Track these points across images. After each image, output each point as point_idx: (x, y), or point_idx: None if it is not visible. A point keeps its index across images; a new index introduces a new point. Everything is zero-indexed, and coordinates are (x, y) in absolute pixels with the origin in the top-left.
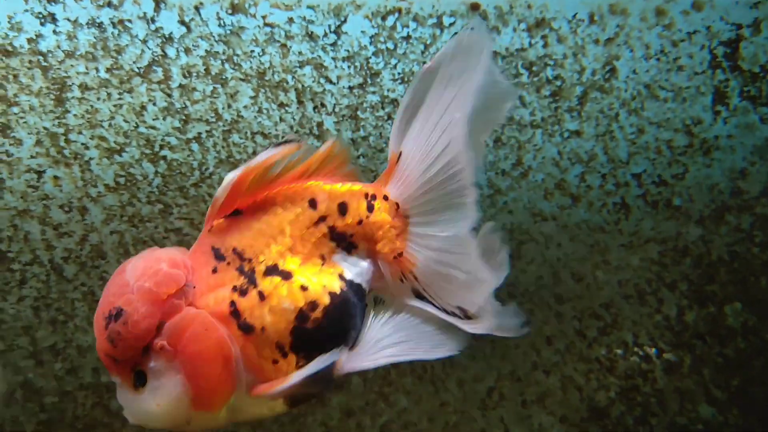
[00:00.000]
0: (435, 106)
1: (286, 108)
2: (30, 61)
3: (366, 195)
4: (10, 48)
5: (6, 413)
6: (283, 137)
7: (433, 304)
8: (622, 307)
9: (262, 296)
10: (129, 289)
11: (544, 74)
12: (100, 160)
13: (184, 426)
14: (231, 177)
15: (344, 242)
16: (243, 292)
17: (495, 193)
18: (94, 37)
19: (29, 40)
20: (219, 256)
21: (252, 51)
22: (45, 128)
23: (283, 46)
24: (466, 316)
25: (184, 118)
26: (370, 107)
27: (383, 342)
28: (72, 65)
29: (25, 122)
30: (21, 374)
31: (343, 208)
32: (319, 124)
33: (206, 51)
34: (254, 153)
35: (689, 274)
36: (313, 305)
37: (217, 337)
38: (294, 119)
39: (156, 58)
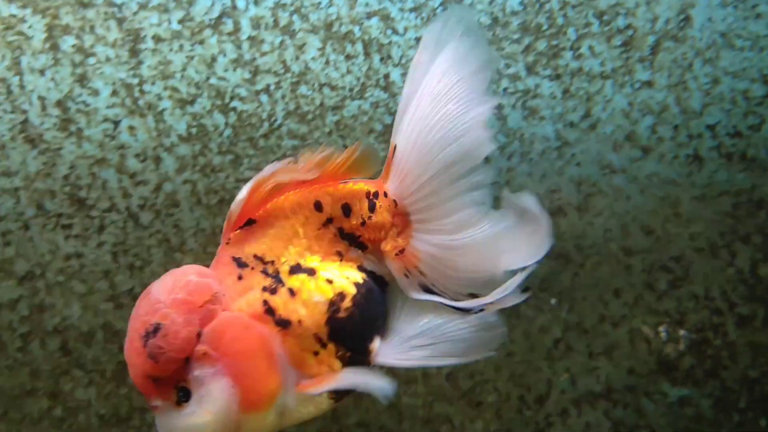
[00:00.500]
0: (426, 98)
1: (353, 60)
2: (105, 13)
3: (368, 194)
4: (85, 0)
5: (88, 353)
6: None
7: (442, 297)
8: (693, 261)
9: (292, 292)
10: (162, 305)
11: (615, 23)
12: (172, 110)
13: (236, 430)
14: (243, 194)
15: (355, 242)
16: (273, 291)
17: (563, 146)
18: None
19: None
20: (241, 264)
21: (319, 2)
22: (120, 79)
23: None
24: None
25: (253, 69)
26: None
27: (415, 341)
28: (145, 17)
29: (101, 73)
30: (101, 317)
31: (346, 210)
32: (386, 76)
33: (275, 3)
34: (321, 105)
35: (764, 227)
36: (341, 296)
37: (258, 334)
38: (361, 71)
39: (226, 10)
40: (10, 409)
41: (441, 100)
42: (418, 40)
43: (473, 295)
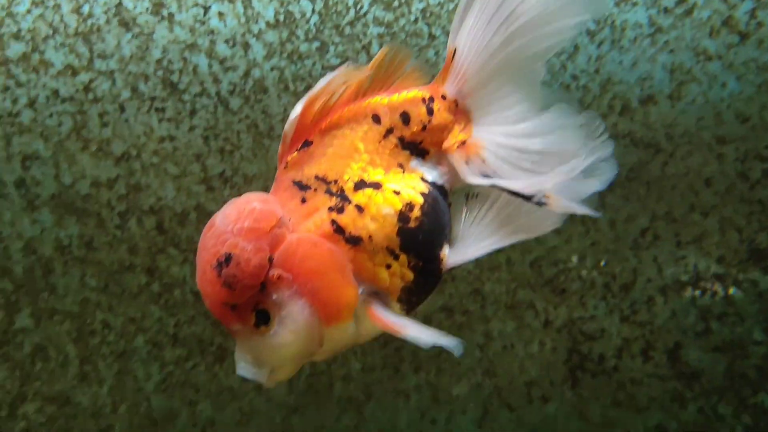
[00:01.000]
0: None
1: None
2: None
3: (423, 99)
4: None
5: (182, 233)
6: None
7: (503, 182)
8: None
9: (359, 209)
10: (229, 235)
11: None
12: None
13: (318, 348)
14: (296, 111)
15: (416, 150)
16: (340, 210)
17: (656, 32)
18: None
19: None
20: (303, 186)
21: None
22: None
23: None
24: (543, 195)
25: None
26: None
27: (483, 232)
28: None
29: None
30: (194, 198)
31: (405, 118)
32: None
33: None
34: None
35: None
36: (410, 206)
37: (326, 249)
38: None
39: None
40: (110, 283)
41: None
42: None
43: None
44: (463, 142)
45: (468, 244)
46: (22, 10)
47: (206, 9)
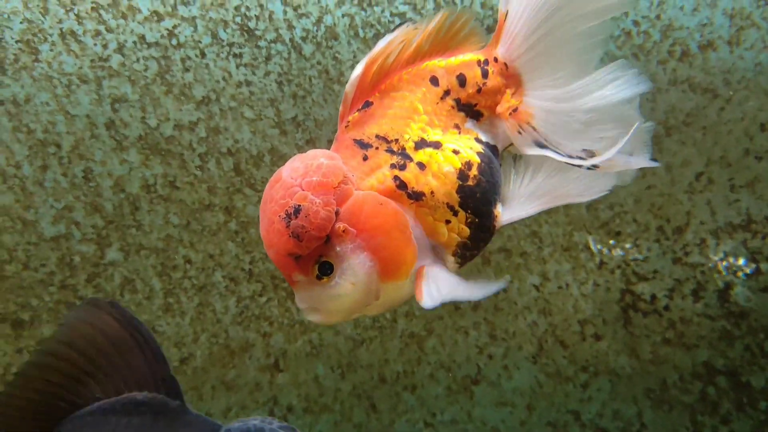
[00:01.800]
0: None
1: None
2: None
3: (479, 62)
4: None
5: (257, 174)
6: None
7: (556, 151)
8: None
9: (421, 166)
10: (298, 188)
11: None
12: None
13: (374, 302)
14: (356, 72)
15: (471, 111)
16: (402, 167)
17: None
18: None
19: None
20: (364, 145)
21: None
22: None
23: None
24: (593, 156)
25: None
26: None
27: (536, 192)
28: None
29: None
30: (269, 141)
31: (462, 80)
32: None
33: None
34: None
35: None
36: (468, 165)
37: (392, 209)
38: None
39: None
40: (191, 221)
41: None
42: None
43: (588, 151)
44: (515, 109)
45: (520, 204)
46: None
47: None
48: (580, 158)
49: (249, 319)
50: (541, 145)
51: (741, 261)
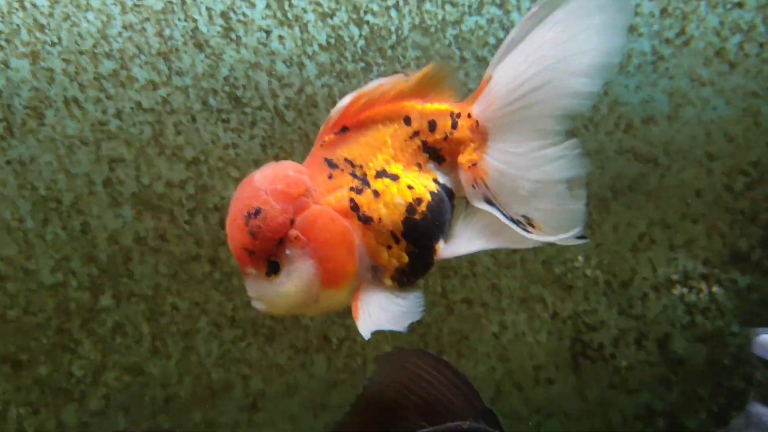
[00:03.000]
0: (533, 43)
1: None
2: None
3: (451, 114)
4: None
5: None
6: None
7: (500, 211)
8: None
9: (376, 194)
10: (263, 193)
11: None
12: (315, 22)
13: (313, 304)
14: (345, 101)
15: (435, 155)
16: (359, 191)
17: (658, 60)
18: None
19: None
20: (332, 164)
21: None
22: None
23: None
24: (530, 224)
25: None
26: None
27: (475, 235)
28: None
29: None
30: None
31: (432, 125)
32: None
33: None
34: (443, 20)
35: None
36: (418, 201)
37: (342, 226)
38: None
39: None
40: (179, 271)
41: (548, 45)
42: None
43: (526, 218)
44: (474, 164)
45: (460, 243)
46: (114, 32)
47: (268, 33)
48: (519, 222)
49: (230, 362)
50: (489, 202)
51: (679, 313)
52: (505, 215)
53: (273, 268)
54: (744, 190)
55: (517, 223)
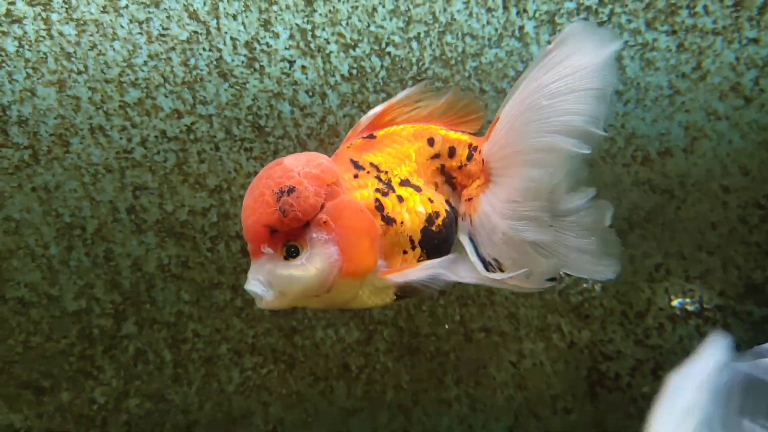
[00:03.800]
0: (529, 87)
1: (493, 12)
2: None
3: (469, 146)
4: None
5: None
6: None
7: (475, 249)
8: None
9: (400, 199)
10: (296, 174)
11: None
12: (338, 53)
13: (324, 292)
14: (376, 110)
15: (449, 180)
16: (384, 194)
17: (674, 94)
18: None
19: None
20: (358, 166)
21: None
22: (297, 24)
23: None
24: (499, 268)
25: (407, 19)
26: (566, 13)
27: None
28: None
29: (282, 19)
30: None
31: (452, 152)
32: (521, 28)
33: None
34: (463, 52)
35: None
36: (437, 214)
37: (369, 219)
38: (499, 22)
39: None
40: (200, 298)
41: (545, 92)
42: None
43: (497, 261)
44: (470, 199)
45: (469, 272)
46: (139, 61)
47: (291, 63)
48: (490, 264)
49: (250, 390)
50: (470, 238)
51: (694, 344)
52: (477, 254)
53: (291, 252)
54: (759, 223)
55: (488, 264)
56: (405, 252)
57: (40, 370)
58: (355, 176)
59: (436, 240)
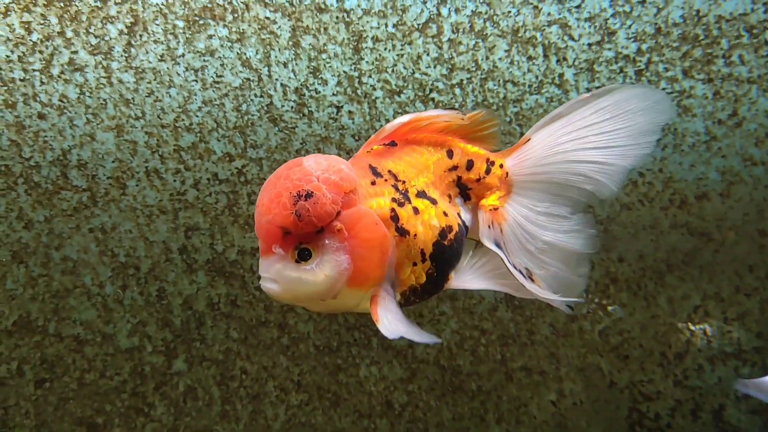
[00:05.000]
0: (576, 122)
1: (534, 60)
2: (337, 17)
3: (487, 160)
4: (322, 6)
5: None
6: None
7: (507, 257)
8: None
9: (416, 210)
10: (315, 178)
11: (763, 36)
12: (383, 99)
13: (330, 299)
14: (402, 119)
15: (464, 192)
16: (400, 204)
17: (711, 140)
18: None
19: (338, 0)
20: (376, 173)
21: (509, 12)
22: (344, 72)
23: (535, 8)
24: (530, 277)
25: (450, 67)
26: (605, 61)
27: (481, 276)
28: (368, 21)
29: (330, 66)
30: None
31: (470, 165)
32: (561, 75)
33: (472, 11)
34: (504, 98)
35: None
36: (449, 228)
37: (383, 232)
38: (539, 70)
39: (432, 16)
40: (248, 336)
41: (589, 129)
42: (590, 45)
43: (528, 270)
44: (496, 209)
45: (466, 279)
46: (194, 107)
47: (339, 108)
48: (520, 272)
49: (296, 427)
50: (498, 246)
51: (733, 385)
52: (509, 261)
53: (303, 255)
54: None
55: (518, 270)
56: (414, 264)
57: (94, 406)
58: (373, 183)
59: (447, 254)
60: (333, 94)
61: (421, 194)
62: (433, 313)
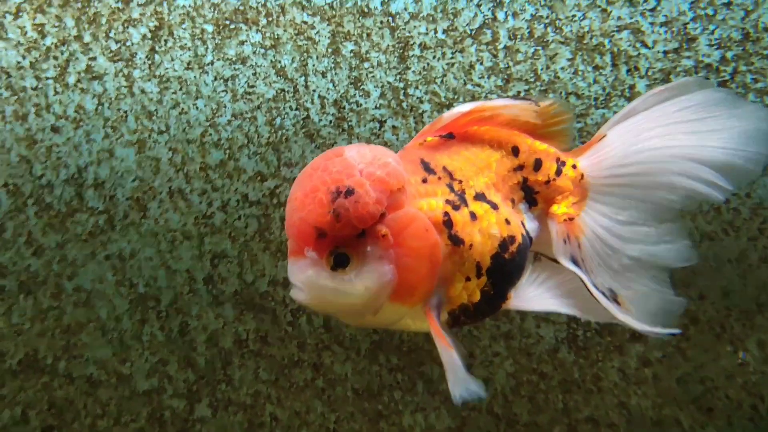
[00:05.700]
0: (658, 117)
1: (601, 70)
2: (381, 22)
3: (557, 159)
4: (366, 9)
5: (346, 331)
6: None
7: (587, 275)
8: None
9: (473, 216)
10: (357, 172)
11: None
12: (431, 113)
13: (372, 313)
14: (464, 107)
15: (529, 196)
16: (455, 207)
17: None
18: (436, 0)
19: (382, 2)
20: (429, 169)
21: (574, 15)
22: (389, 82)
23: (604, 11)
24: (615, 300)
25: (506, 77)
26: (683, 71)
27: (546, 293)
28: (415, 26)
29: (373, 76)
30: None
31: (538, 164)
32: (632, 87)
33: (532, 15)
34: None
35: None
36: (512, 239)
37: (434, 240)
38: (607, 81)
39: (487, 21)
40: (280, 377)
41: (677, 125)
42: (666, 53)
43: (612, 292)
44: (572, 219)
45: (529, 298)
46: (223, 121)
47: (382, 123)
48: (603, 294)
49: None
50: (576, 263)
51: None
52: (590, 282)
53: (340, 262)
54: None
55: (600, 292)
56: (468, 279)
57: None
58: (424, 180)
59: (507, 269)
60: (376, 107)
61: (479, 197)
62: (486, 353)
